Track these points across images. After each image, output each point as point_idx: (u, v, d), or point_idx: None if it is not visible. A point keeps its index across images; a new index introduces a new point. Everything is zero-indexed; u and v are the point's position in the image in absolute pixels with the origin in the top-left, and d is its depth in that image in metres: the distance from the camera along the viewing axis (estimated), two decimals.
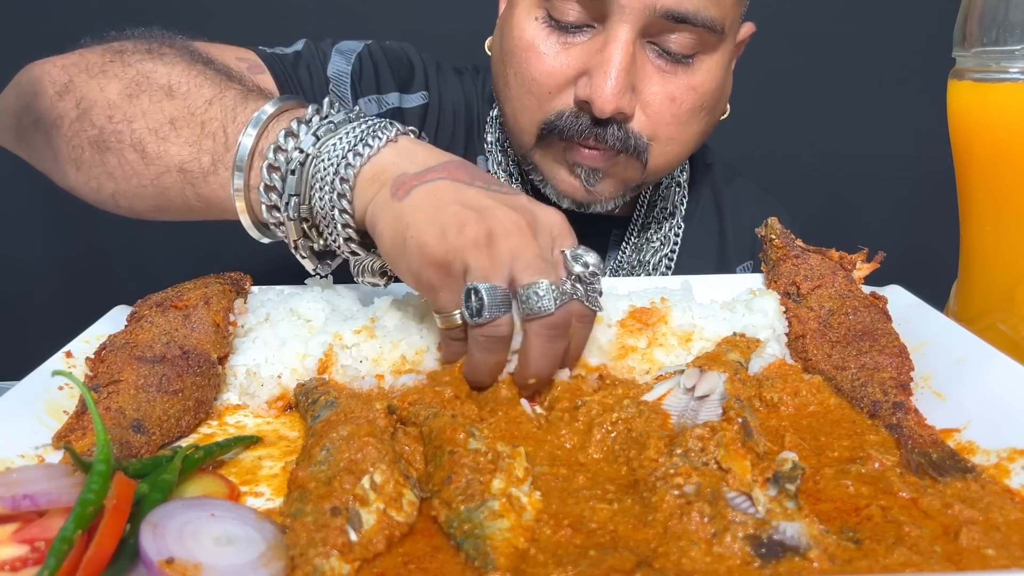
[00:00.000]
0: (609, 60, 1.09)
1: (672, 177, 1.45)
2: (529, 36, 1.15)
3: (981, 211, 0.98)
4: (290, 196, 0.86)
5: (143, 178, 0.93)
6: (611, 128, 1.14)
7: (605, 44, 1.10)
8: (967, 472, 0.69)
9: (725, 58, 1.19)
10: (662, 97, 1.15)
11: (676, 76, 1.15)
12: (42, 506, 0.61)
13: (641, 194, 1.41)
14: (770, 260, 1.06)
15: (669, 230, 1.44)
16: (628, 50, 1.09)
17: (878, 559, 0.57)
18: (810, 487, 0.68)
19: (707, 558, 0.57)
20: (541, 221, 0.81)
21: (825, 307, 0.95)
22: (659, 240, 1.43)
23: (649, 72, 1.14)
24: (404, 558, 0.60)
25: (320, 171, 0.85)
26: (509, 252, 0.77)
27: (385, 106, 1.34)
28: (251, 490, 0.71)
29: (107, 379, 0.79)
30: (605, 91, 1.09)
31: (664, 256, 1.43)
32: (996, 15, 0.90)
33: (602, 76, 1.09)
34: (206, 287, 0.93)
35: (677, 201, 1.46)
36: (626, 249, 1.43)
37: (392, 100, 1.35)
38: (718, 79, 1.19)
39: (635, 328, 0.92)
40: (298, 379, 0.87)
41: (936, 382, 0.84)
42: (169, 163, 0.92)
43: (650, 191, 1.42)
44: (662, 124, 1.17)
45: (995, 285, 0.98)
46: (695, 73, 1.15)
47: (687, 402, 0.80)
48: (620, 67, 1.08)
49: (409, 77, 1.39)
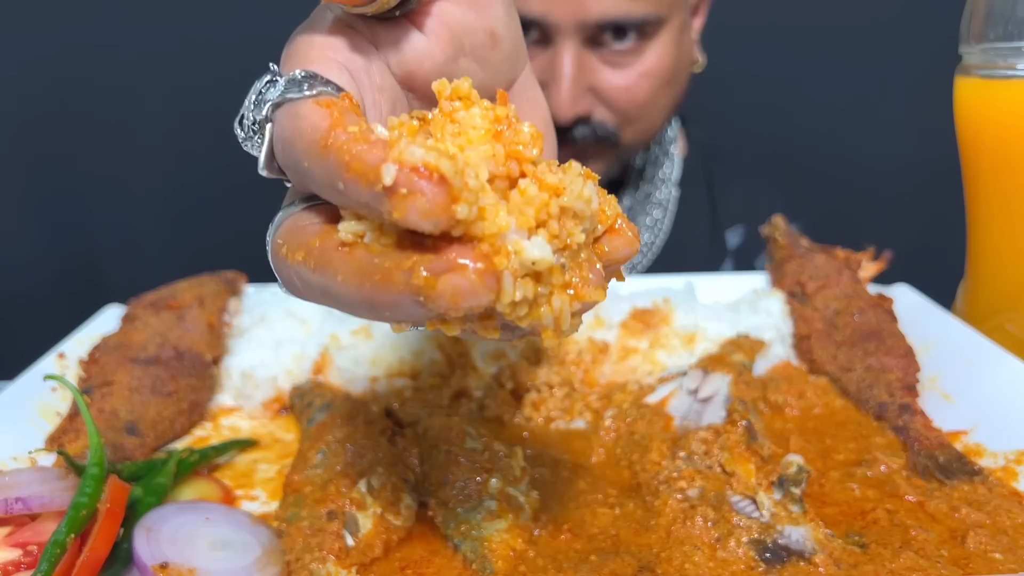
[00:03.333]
0: (559, 74, 1.17)
1: (661, 147, 1.50)
2: None
3: (989, 209, 0.97)
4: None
5: None
6: (577, 129, 1.22)
7: (553, 58, 1.18)
8: (974, 475, 0.68)
9: (673, 34, 1.24)
10: (618, 89, 1.22)
11: (626, 68, 1.21)
12: (35, 509, 0.60)
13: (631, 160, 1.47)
14: (775, 259, 1.05)
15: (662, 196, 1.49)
16: (575, 60, 1.17)
17: (884, 563, 0.57)
18: (815, 490, 0.67)
19: (711, 563, 0.57)
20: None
21: (831, 307, 0.94)
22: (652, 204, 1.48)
23: (600, 70, 1.21)
24: (401, 563, 0.59)
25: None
26: None
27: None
28: (246, 494, 0.70)
29: (100, 381, 0.78)
30: (560, 103, 1.17)
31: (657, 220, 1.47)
32: (1003, 11, 0.89)
33: (556, 89, 1.17)
34: (200, 287, 0.93)
35: (667, 169, 1.51)
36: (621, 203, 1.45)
37: None
38: (670, 56, 1.24)
39: (637, 329, 0.92)
40: (293, 381, 0.86)
41: (943, 383, 0.83)
42: None
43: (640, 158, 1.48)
44: (623, 111, 1.24)
45: (1003, 285, 0.97)
46: (644, 60, 1.22)
47: (690, 404, 0.79)
48: (569, 78, 1.17)
49: None
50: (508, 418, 0.82)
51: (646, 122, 1.29)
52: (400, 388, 0.85)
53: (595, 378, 0.88)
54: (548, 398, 0.82)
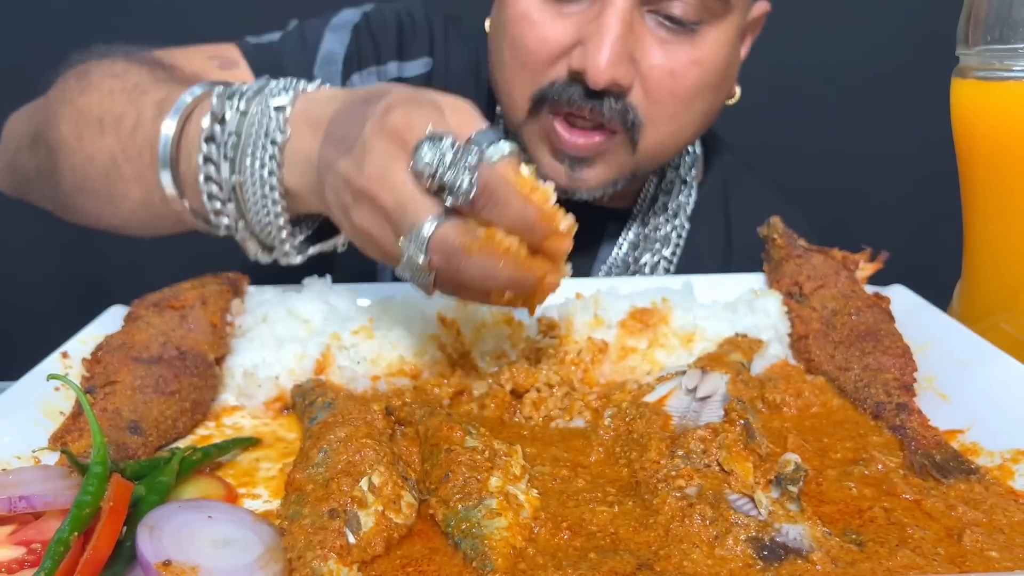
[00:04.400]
0: (604, 28, 1.02)
1: (678, 173, 1.36)
2: (524, 6, 1.09)
3: (985, 210, 0.98)
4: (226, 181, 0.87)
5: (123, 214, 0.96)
6: (608, 101, 1.07)
7: (601, 11, 1.03)
8: (971, 474, 0.68)
9: (732, 32, 1.11)
10: (662, 71, 1.07)
11: (679, 47, 1.07)
12: (38, 508, 0.60)
13: (644, 187, 1.33)
14: (773, 260, 1.06)
15: (672, 230, 1.35)
16: (625, 17, 1.02)
17: (881, 561, 0.57)
18: (813, 489, 0.68)
19: (709, 561, 0.57)
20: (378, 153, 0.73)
21: (828, 307, 0.94)
22: (660, 240, 1.34)
23: (649, 43, 1.06)
24: (402, 560, 0.60)
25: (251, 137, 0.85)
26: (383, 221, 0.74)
27: (384, 77, 1.30)
28: (249, 492, 0.71)
29: (103, 380, 0.79)
30: (599, 61, 1.02)
31: (663, 258, 1.34)
32: (1000, 13, 0.89)
33: (596, 45, 1.02)
34: (203, 287, 0.93)
35: (683, 199, 1.36)
36: (622, 245, 1.33)
37: (391, 70, 1.30)
38: (724, 54, 1.10)
39: (636, 329, 0.92)
40: (295, 380, 0.87)
41: (940, 383, 0.84)
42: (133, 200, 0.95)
43: (653, 185, 1.34)
44: (660, 101, 1.09)
45: (999, 285, 0.98)
46: (699, 45, 1.08)
47: (689, 403, 0.80)
48: (615, 35, 1.01)
49: (411, 43, 1.32)
50: (508, 417, 0.82)
51: (672, 125, 1.13)
52: (401, 387, 0.85)
53: (594, 377, 0.89)
54: (548, 397, 0.82)
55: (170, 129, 0.88)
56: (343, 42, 1.28)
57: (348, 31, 1.29)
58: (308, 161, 0.83)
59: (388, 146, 0.73)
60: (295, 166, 0.85)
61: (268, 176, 0.85)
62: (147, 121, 0.92)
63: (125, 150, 0.92)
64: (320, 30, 1.29)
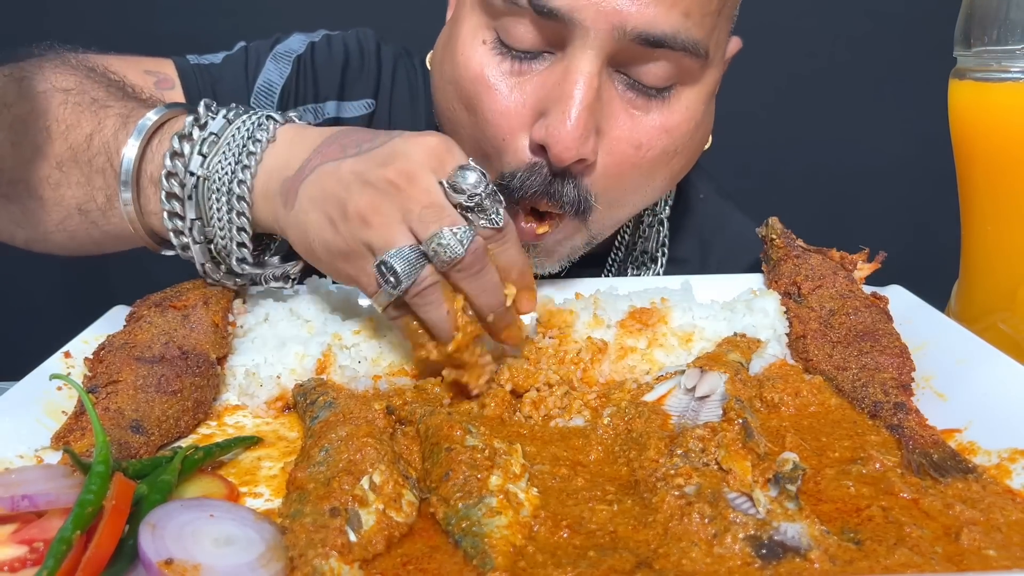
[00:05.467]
0: (569, 97, 0.89)
1: (655, 215, 1.26)
2: (476, 66, 0.96)
3: (982, 211, 0.98)
4: (192, 221, 0.86)
5: (48, 224, 0.92)
6: (566, 185, 0.95)
7: (565, 76, 0.90)
8: (968, 473, 0.69)
9: (708, 89, 1.00)
10: (627, 144, 0.95)
11: (648, 115, 0.95)
12: (41, 507, 0.61)
13: (619, 233, 1.24)
14: (771, 260, 1.06)
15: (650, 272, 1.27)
16: (592, 83, 0.89)
17: (879, 560, 0.57)
18: (811, 488, 0.68)
19: (707, 559, 0.57)
20: (415, 159, 0.77)
21: (826, 307, 0.95)
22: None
23: (616, 110, 0.94)
24: (403, 558, 0.60)
25: (215, 192, 0.85)
26: (398, 211, 0.76)
27: (322, 116, 1.24)
28: (250, 491, 0.71)
29: (106, 379, 0.79)
30: (565, 136, 0.89)
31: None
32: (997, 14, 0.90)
33: (561, 117, 0.89)
34: (205, 287, 0.93)
35: (659, 242, 1.27)
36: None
37: (329, 109, 1.25)
38: (697, 116, 0.99)
39: (635, 329, 0.92)
40: (297, 379, 0.87)
41: (937, 382, 0.84)
42: (68, 206, 0.91)
43: (629, 230, 1.25)
44: (621, 175, 0.97)
45: (996, 285, 0.98)
46: (671, 111, 0.96)
47: (688, 403, 0.80)
48: (582, 105, 0.89)
49: (355, 79, 1.26)
50: (508, 416, 0.82)
51: (623, 209, 1.04)
52: (402, 387, 0.85)
53: (594, 377, 0.89)
54: (547, 396, 0.83)
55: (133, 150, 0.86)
56: (283, 73, 1.22)
57: (290, 62, 1.23)
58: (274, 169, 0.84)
59: (425, 157, 0.77)
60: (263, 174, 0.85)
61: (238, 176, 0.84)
62: (108, 131, 0.89)
63: (76, 156, 0.89)
64: (263, 57, 1.24)
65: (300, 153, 0.84)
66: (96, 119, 0.90)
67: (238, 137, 0.85)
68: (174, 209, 0.86)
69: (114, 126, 0.89)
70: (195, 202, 0.85)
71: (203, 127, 0.86)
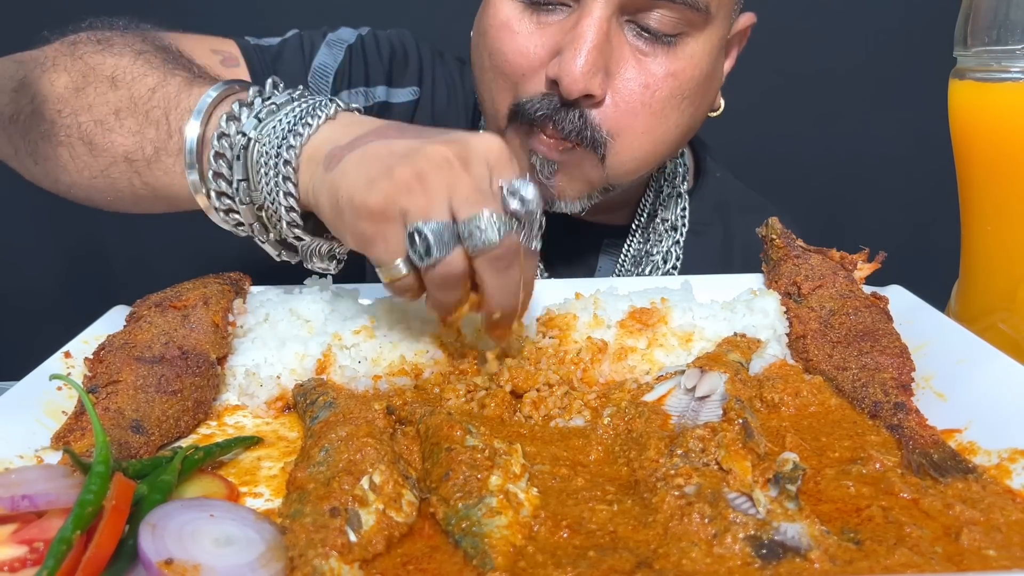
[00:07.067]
0: (581, 37, 1.02)
1: (674, 186, 1.37)
2: (504, 15, 1.10)
3: (982, 211, 0.98)
4: (239, 181, 0.86)
5: (93, 169, 0.94)
6: (571, 114, 1.06)
7: (578, 21, 1.03)
8: (968, 473, 0.69)
9: (713, 43, 1.10)
10: (635, 84, 1.07)
11: (655, 59, 1.07)
12: (41, 507, 0.61)
13: (641, 201, 1.35)
14: (771, 260, 1.06)
15: (672, 244, 1.36)
16: (602, 27, 1.02)
17: (879, 560, 0.57)
18: (811, 488, 0.68)
19: (707, 559, 0.57)
20: (475, 149, 0.78)
21: (826, 307, 0.95)
22: (661, 256, 1.35)
23: (625, 54, 1.06)
24: (403, 558, 0.60)
25: (263, 155, 0.84)
26: (444, 186, 0.75)
27: (372, 99, 1.32)
28: (250, 491, 0.71)
29: (106, 379, 0.79)
30: (574, 70, 1.01)
31: (665, 274, 1.35)
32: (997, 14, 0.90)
33: (572, 54, 1.02)
34: (205, 287, 0.93)
35: (679, 212, 1.38)
36: (624, 261, 1.35)
37: (380, 94, 1.33)
38: (703, 66, 1.10)
39: (635, 329, 0.92)
40: (297, 379, 0.87)
41: (937, 382, 0.84)
42: (115, 153, 0.92)
43: (650, 200, 1.35)
44: (631, 114, 1.08)
45: (996, 285, 0.98)
46: (677, 57, 1.07)
47: (688, 403, 0.80)
48: (591, 44, 1.01)
49: (401, 70, 1.36)
50: (508, 416, 0.82)
51: (644, 139, 1.11)
52: (402, 387, 0.85)
53: (594, 377, 0.89)
54: (547, 397, 0.83)
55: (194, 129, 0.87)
56: (336, 58, 1.31)
57: (343, 49, 1.32)
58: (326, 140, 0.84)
59: (486, 152, 0.79)
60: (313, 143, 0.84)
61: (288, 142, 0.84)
62: (172, 88, 0.91)
63: (135, 106, 0.91)
64: (317, 42, 1.32)
65: (356, 131, 0.84)
66: (162, 76, 0.93)
67: (297, 110, 0.86)
68: (220, 169, 0.86)
69: (178, 86, 0.92)
70: (243, 163, 0.85)
71: (267, 99, 0.87)
